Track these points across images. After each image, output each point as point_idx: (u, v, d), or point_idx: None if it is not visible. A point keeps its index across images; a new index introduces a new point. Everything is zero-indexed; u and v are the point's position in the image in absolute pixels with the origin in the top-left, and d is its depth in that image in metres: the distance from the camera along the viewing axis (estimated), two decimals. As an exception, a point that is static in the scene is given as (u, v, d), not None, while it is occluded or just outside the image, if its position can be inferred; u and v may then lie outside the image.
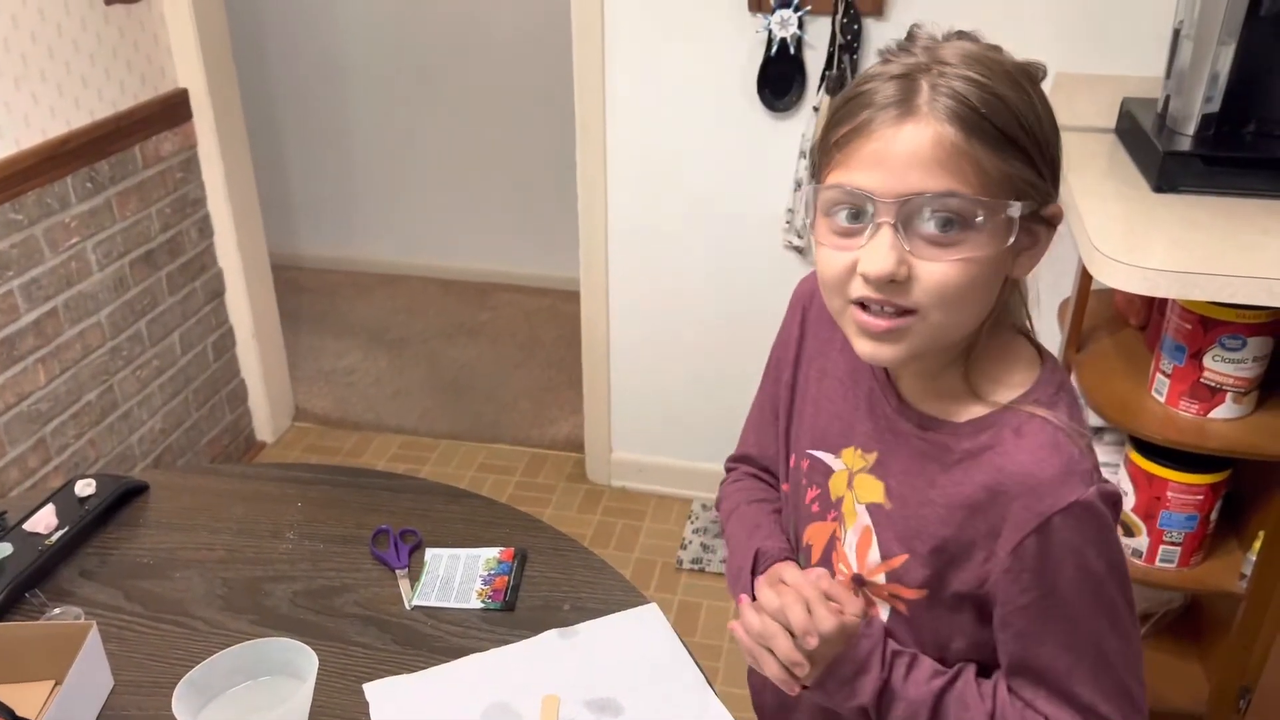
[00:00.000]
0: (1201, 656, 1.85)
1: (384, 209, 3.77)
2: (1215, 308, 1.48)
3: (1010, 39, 2.21)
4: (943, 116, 0.74)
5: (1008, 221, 0.76)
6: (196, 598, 1.16)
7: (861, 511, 0.90)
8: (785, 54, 2.07)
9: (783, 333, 1.03)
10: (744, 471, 1.12)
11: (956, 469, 0.84)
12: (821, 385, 0.97)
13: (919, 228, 0.75)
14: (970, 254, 0.76)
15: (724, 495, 1.13)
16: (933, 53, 0.78)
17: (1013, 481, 0.80)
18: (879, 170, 0.75)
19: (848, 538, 0.92)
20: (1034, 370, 0.87)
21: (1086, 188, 1.68)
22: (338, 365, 3.23)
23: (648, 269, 2.40)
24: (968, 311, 0.80)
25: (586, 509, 2.60)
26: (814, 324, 0.99)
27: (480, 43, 3.40)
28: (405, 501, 1.31)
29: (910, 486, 0.87)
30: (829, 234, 0.80)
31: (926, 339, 0.80)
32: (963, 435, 0.85)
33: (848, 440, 0.93)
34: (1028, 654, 0.84)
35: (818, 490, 0.95)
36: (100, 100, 2.16)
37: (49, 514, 1.23)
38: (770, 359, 1.06)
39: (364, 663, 1.07)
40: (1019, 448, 0.81)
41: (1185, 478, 1.59)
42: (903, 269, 0.76)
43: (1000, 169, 0.76)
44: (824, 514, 0.95)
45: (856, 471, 0.91)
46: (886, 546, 0.88)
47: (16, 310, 2.00)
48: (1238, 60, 1.60)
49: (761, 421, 1.08)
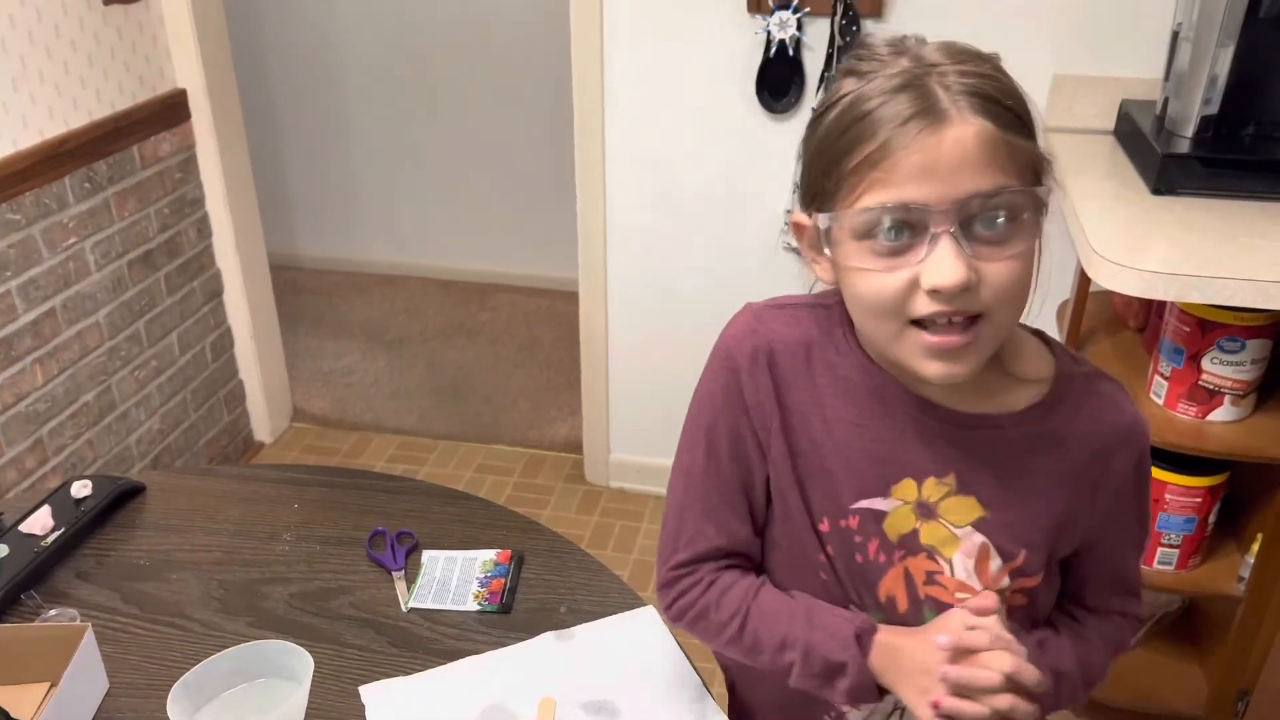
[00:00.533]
0: (1200, 658, 1.85)
1: (382, 209, 3.76)
2: (1213, 310, 1.48)
3: (1009, 40, 2.21)
4: (974, 114, 0.73)
5: (1040, 206, 0.77)
6: (193, 599, 1.16)
7: (967, 533, 0.87)
8: (784, 55, 2.07)
9: (738, 401, 0.89)
10: (713, 569, 0.94)
11: (1052, 448, 0.86)
12: (835, 437, 0.88)
13: (976, 230, 0.75)
14: (1022, 246, 0.76)
15: (708, 604, 0.93)
16: (912, 55, 0.77)
17: (1112, 436, 0.88)
18: (928, 181, 0.73)
19: (955, 565, 0.88)
20: (1036, 339, 0.90)
21: (1085, 190, 1.68)
22: (336, 366, 3.23)
23: (646, 270, 2.40)
24: (1023, 304, 0.80)
25: (584, 510, 2.59)
26: (788, 377, 0.88)
27: (479, 43, 3.40)
28: (402, 503, 1.31)
29: (1006, 487, 0.87)
30: (869, 257, 0.77)
31: (993, 342, 0.80)
32: (1038, 418, 0.86)
33: (896, 476, 0.87)
34: (1117, 569, 0.95)
35: (877, 540, 0.88)
36: (98, 101, 2.15)
37: (45, 515, 1.23)
38: (715, 437, 0.91)
39: (360, 665, 1.07)
40: (1101, 407, 0.88)
41: (1183, 480, 1.59)
42: (973, 275, 0.75)
43: (1028, 153, 0.76)
44: (890, 560, 0.88)
45: (939, 500, 0.87)
46: (1006, 550, 0.88)
47: (14, 311, 2.00)
48: (1237, 62, 1.60)
49: (722, 509, 0.92)
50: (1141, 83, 1.93)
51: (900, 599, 0.89)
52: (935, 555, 0.88)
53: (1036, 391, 0.87)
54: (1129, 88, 1.95)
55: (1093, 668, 0.94)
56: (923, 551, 0.88)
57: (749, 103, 2.15)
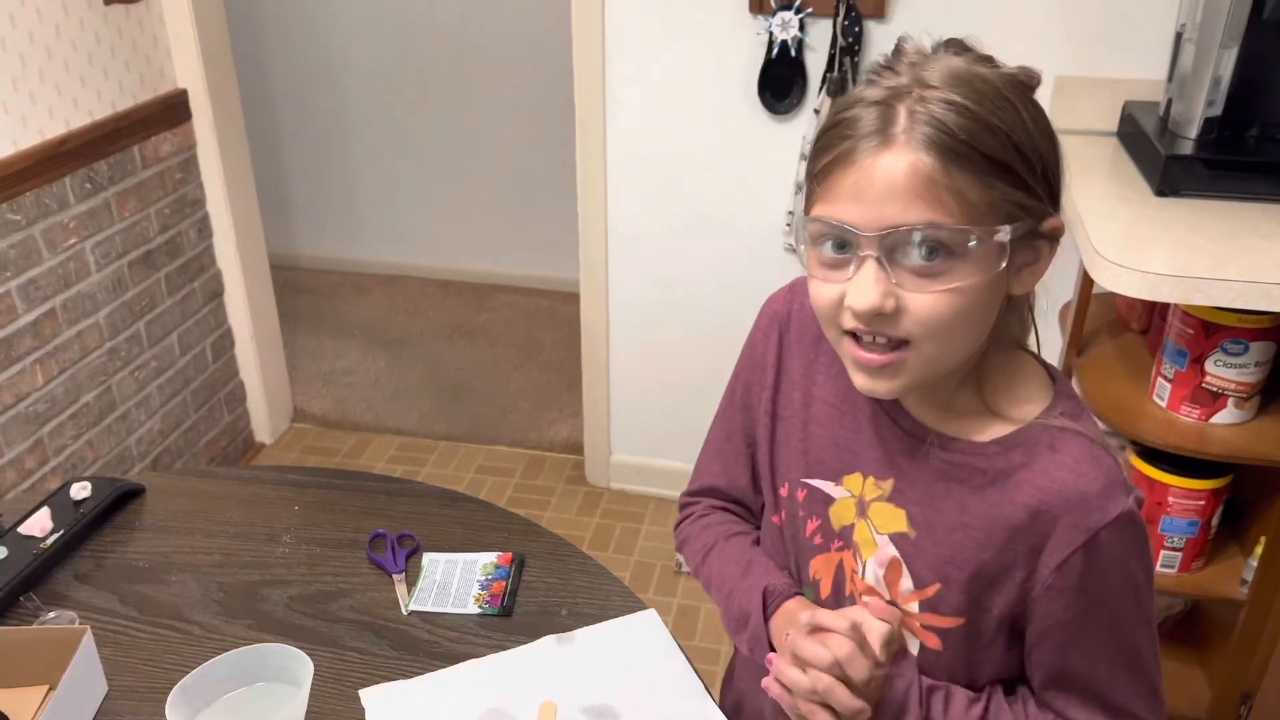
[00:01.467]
0: (1203, 662, 1.85)
1: (383, 210, 3.76)
2: (1217, 312, 1.48)
3: (1012, 41, 2.21)
4: (919, 145, 0.72)
5: (998, 247, 0.74)
6: (192, 602, 1.15)
7: (884, 542, 0.87)
8: (786, 56, 2.06)
9: (754, 355, 0.98)
10: (709, 505, 1.05)
11: (990, 490, 0.82)
12: (809, 410, 0.92)
13: (903, 260, 0.73)
14: (958, 283, 0.74)
15: (691, 534, 1.05)
16: (917, 73, 0.75)
17: (1057, 499, 0.79)
18: (858, 203, 0.74)
19: (868, 568, 0.88)
20: (1045, 385, 0.86)
21: (1088, 191, 1.68)
22: (336, 366, 3.22)
23: (647, 270, 2.39)
24: (961, 339, 0.78)
25: (585, 511, 2.59)
26: (794, 346, 0.94)
27: (480, 43, 3.39)
28: (402, 505, 1.31)
29: (936, 512, 0.84)
30: (818, 265, 0.78)
31: (921, 370, 0.78)
32: (991, 454, 0.82)
33: (850, 467, 0.89)
34: (1067, 665, 0.84)
35: (818, 521, 0.91)
36: (99, 100, 2.15)
37: (44, 517, 1.23)
38: (736, 383, 1.00)
39: (360, 668, 1.06)
40: (1058, 464, 0.79)
41: (1187, 483, 1.58)
42: (889, 302, 0.74)
43: (984, 196, 0.73)
44: (827, 545, 0.91)
45: (871, 500, 0.88)
46: (919, 576, 0.85)
47: (14, 311, 1.99)
48: (1240, 64, 1.60)
49: (728, 450, 1.02)
50: (1144, 84, 1.93)
51: (825, 584, 0.92)
52: (857, 554, 0.90)
53: (1004, 429, 0.82)
54: (1132, 89, 1.94)
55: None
56: (851, 548, 0.90)
57: (751, 103, 2.14)
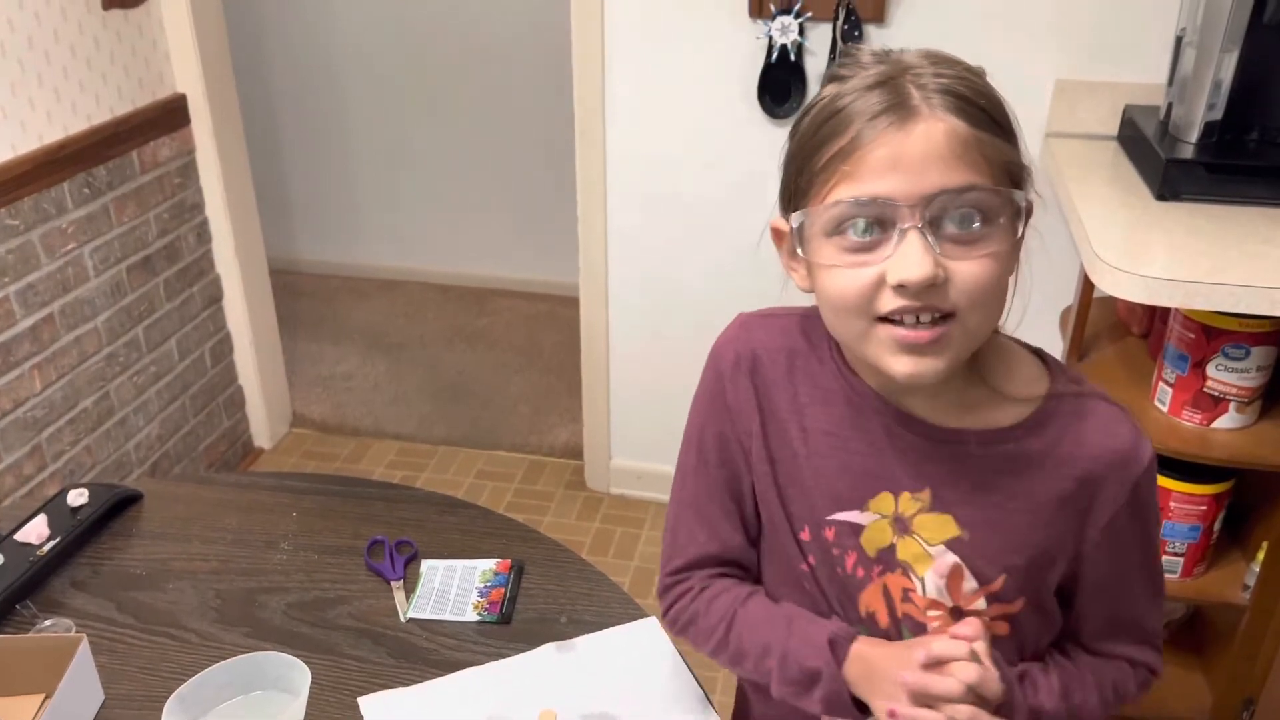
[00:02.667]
0: (1204, 667, 1.84)
1: (382, 214, 3.76)
2: (1218, 317, 1.47)
3: (1012, 46, 2.20)
4: (945, 112, 0.73)
5: (1017, 210, 0.75)
6: (189, 609, 1.15)
7: (940, 551, 0.85)
8: (785, 60, 2.06)
9: (722, 406, 0.91)
10: (705, 576, 0.95)
11: (1033, 471, 0.83)
12: (810, 445, 0.88)
13: (945, 228, 0.73)
14: (995, 248, 0.74)
15: (697, 611, 0.94)
16: (894, 61, 0.76)
17: (1100, 463, 0.83)
18: (894, 175, 0.73)
19: (927, 583, 0.86)
20: (1036, 361, 0.88)
21: (1088, 195, 1.68)
22: (335, 371, 3.22)
23: (647, 274, 2.39)
24: (997, 309, 0.78)
25: (585, 516, 2.58)
26: (769, 384, 0.89)
27: (479, 48, 3.39)
28: (401, 512, 1.30)
29: (983, 507, 0.84)
30: (838, 253, 0.76)
31: (964, 345, 0.78)
32: (1021, 437, 0.83)
33: (873, 490, 0.86)
34: (1118, 609, 0.90)
35: (855, 554, 0.87)
36: (98, 105, 2.15)
37: (41, 524, 1.22)
38: (702, 440, 0.92)
39: (358, 676, 1.05)
40: (1091, 429, 0.83)
41: (1188, 488, 1.57)
42: (939, 271, 0.73)
43: (1004, 156, 0.75)
44: (870, 575, 0.87)
45: (912, 515, 0.85)
46: (981, 574, 0.85)
47: (13, 316, 1.99)
48: (1241, 68, 1.60)
49: (712, 513, 0.93)
50: (1145, 88, 1.92)
51: (880, 615, 0.88)
52: (909, 572, 0.86)
53: (1023, 410, 0.84)
54: (1132, 93, 1.94)
55: (1082, 709, 0.89)
56: (899, 567, 0.87)
57: (750, 107, 2.14)
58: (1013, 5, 1.95)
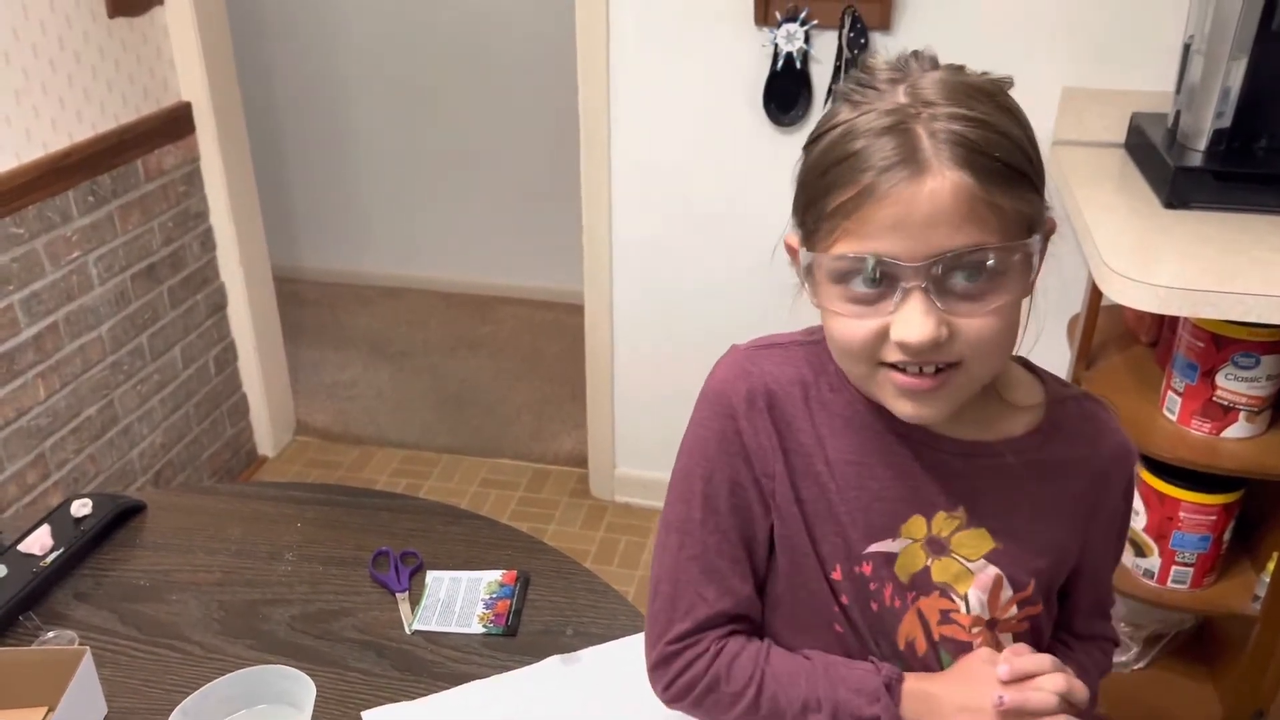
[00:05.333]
0: (1214, 678, 1.83)
1: (386, 221, 3.76)
2: (1228, 325, 1.47)
3: (1018, 53, 2.19)
4: (954, 165, 0.70)
5: (1028, 258, 0.75)
6: (192, 621, 1.14)
7: (980, 566, 0.85)
8: (791, 68, 2.06)
9: (737, 448, 0.85)
10: (717, 638, 0.88)
11: (1056, 475, 0.86)
12: (837, 479, 0.84)
13: (950, 286, 0.72)
14: (1004, 299, 0.74)
15: (718, 675, 0.87)
16: (909, 88, 0.73)
17: (1107, 460, 0.88)
18: (899, 234, 0.71)
19: (970, 600, 0.85)
20: (1022, 368, 0.90)
21: (1096, 203, 1.67)
22: (339, 378, 3.21)
23: (652, 282, 2.38)
24: (1004, 354, 0.79)
25: (590, 525, 2.57)
26: (790, 419, 0.84)
27: (483, 54, 3.39)
28: (405, 522, 1.29)
29: (1012, 516, 0.85)
30: (843, 302, 0.75)
31: (966, 389, 0.78)
32: (1039, 445, 0.85)
33: (903, 516, 0.84)
34: (1101, 594, 0.95)
35: (891, 585, 0.85)
36: (102, 113, 2.15)
37: (44, 535, 1.22)
38: (713, 488, 0.85)
39: (362, 689, 1.05)
40: (1098, 430, 0.88)
41: (1198, 498, 1.56)
42: (943, 330, 0.72)
43: (1014, 207, 0.73)
44: (906, 603, 0.85)
45: (950, 535, 0.85)
46: (1016, 580, 0.86)
47: (17, 325, 1.99)
48: (1249, 75, 1.59)
49: (722, 568, 0.87)
50: (1152, 95, 1.92)
51: (919, 642, 0.86)
52: (949, 593, 0.85)
53: (1031, 417, 0.86)
54: (1139, 100, 1.93)
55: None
56: (935, 590, 0.85)
57: (756, 115, 2.14)
58: (1019, 13, 1.94)
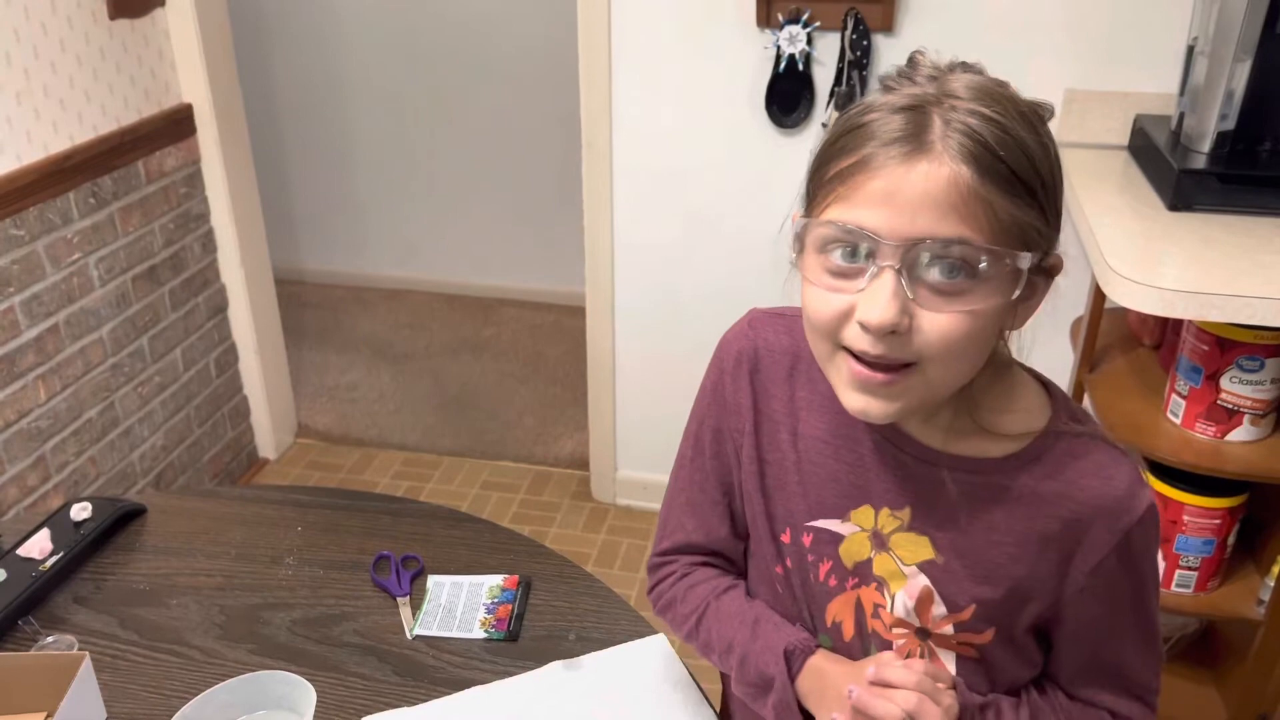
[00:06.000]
0: (1218, 682, 1.82)
1: (388, 223, 3.75)
2: (1233, 328, 1.46)
3: (1022, 55, 2.18)
4: (957, 155, 0.69)
5: (1015, 273, 0.71)
6: (193, 626, 1.13)
7: (913, 572, 0.84)
8: (793, 70, 2.05)
9: (721, 399, 0.91)
10: (688, 563, 0.97)
11: (1019, 506, 0.81)
12: (800, 450, 0.87)
13: (923, 275, 0.70)
14: (975, 305, 0.71)
15: (675, 596, 0.97)
16: (940, 84, 0.72)
17: (1089, 507, 0.80)
18: (885, 209, 0.70)
19: (897, 601, 0.85)
20: (1040, 393, 0.85)
21: (1100, 205, 1.66)
22: (340, 381, 3.21)
23: (653, 285, 2.38)
24: (966, 365, 0.75)
25: (591, 528, 2.57)
26: (768, 385, 0.89)
27: (485, 57, 3.39)
28: (407, 526, 1.29)
29: (963, 535, 0.82)
30: (821, 272, 0.74)
31: (920, 395, 0.75)
32: (1011, 470, 0.81)
33: (856, 501, 0.85)
34: (1097, 658, 0.87)
35: (830, 562, 0.87)
36: (103, 115, 2.14)
37: (44, 539, 1.21)
38: (701, 430, 0.93)
39: (363, 695, 1.04)
40: (1084, 471, 0.80)
41: (1202, 501, 1.56)
42: (905, 319, 0.70)
43: (1012, 215, 0.70)
44: (842, 585, 0.87)
45: (890, 532, 0.84)
46: (952, 600, 0.83)
47: (17, 327, 1.98)
48: (1253, 77, 1.58)
49: (702, 502, 0.94)
50: (1155, 97, 1.91)
51: (847, 626, 0.88)
52: (883, 589, 0.86)
53: (1016, 443, 0.81)
54: (1143, 102, 1.92)
55: None
56: (874, 582, 0.86)
57: (758, 118, 2.13)
58: (1022, 14, 1.94)
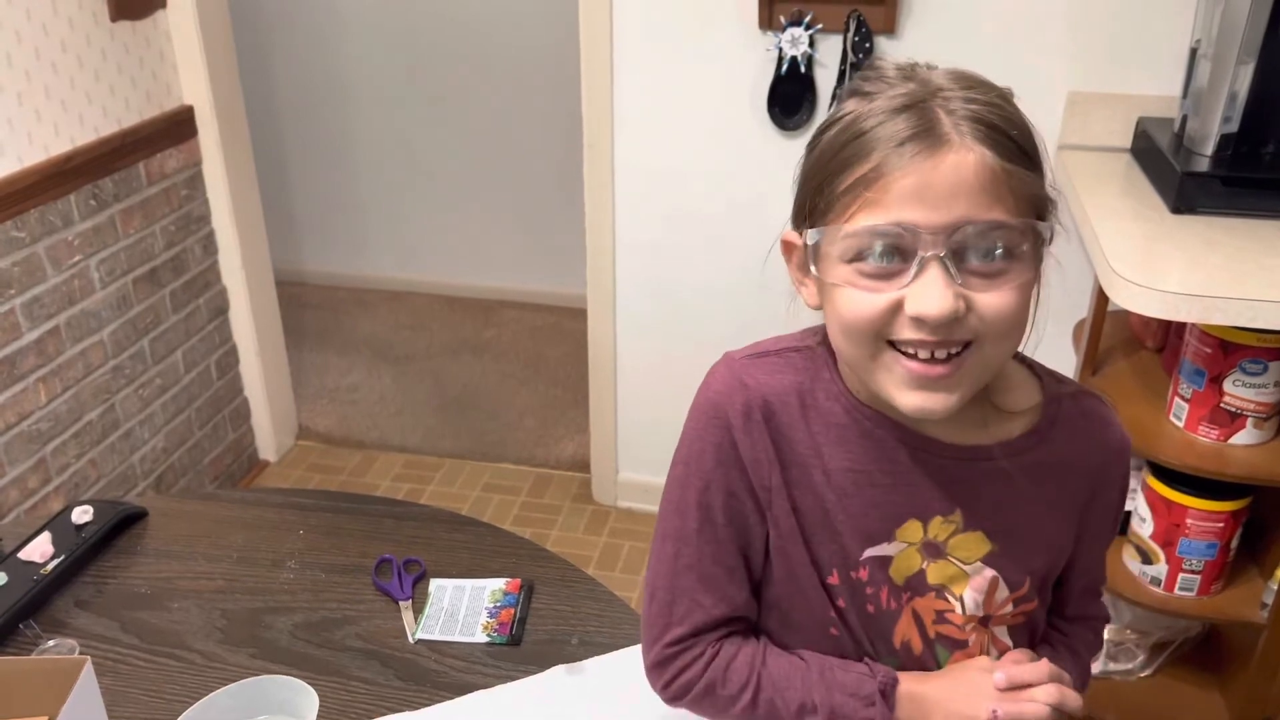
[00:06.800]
0: (1221, 686, 1.82)
1: (389, 225, 3.75)
2: (1236, 331, 1.46)
3: (1024, 57, 2.18)
4: (975, 142, 0.71)
5: (1040, 242, 0.74)
6: (194, 629, 1.13)
7: (977, 568, 0.85)
8: (796, 72, 2.05)
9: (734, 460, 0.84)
10: (712, 641, 0.88)
11: (1053, 475, 0.85)
12: (834, 487, 0.84)
13: (968, 260, 0.72)
14: (1019, 279, 0.73)
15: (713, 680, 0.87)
16: (920, 80, 0.74)
17: (1101, 456, 0.87)
18: (920, 205, 0.71)
19: (965, 601, 0.86)
20: (1019, 366, 0.89)
21: (1102, 207, 1.66)
22: (341, 383, 3.20)
23: (655, 286, 2.38)
24: (1014, 341, 0.77)
25: (592, 530, 2.56)
26: (786, 430, 0.84)
27: (487, 58, 3.39)
28: (409, 529, 1.28)
29: (1009, 518, 0.85)
30: (855, 277, 0.74)
31: (975, 378, 0.76)
32: (1036, 445, 0.84)
33: (899, 520, 0.84)
34: (1092, 575, 0.95)
35: (887, 586, 0.85)
36: (105, 117, 2.14)
37: (45, 542, 1.21)
38: (710, 497, 0.85)
39: (365, 699, 1.04)
40: (1094, 427, 0.87)
41: (1205, 505, 1.55)
42: (960, 304, 0.72)
43: (1029, 188, 0.73)
44: (901, 605, 0.86)
45: (946, 539, 0.84)
46: (1011, 580, 0.87)
47: (18, 329, 1.98)
48: (1257, 80, 1.58)
49: (719, 576, 0.87)
50: (1158, 100, 1.91)
51: (914, 642, 0.87)
52: (945, 594, 0.86)
53: (1028, 418, 0.85)
54: (1146, 105, 1.92)
55: (1084, 676, 0.96)
56: (930, 591, 0.86)
57: (760, 120, 2.13)
58: (1025, 17, 1.93)
